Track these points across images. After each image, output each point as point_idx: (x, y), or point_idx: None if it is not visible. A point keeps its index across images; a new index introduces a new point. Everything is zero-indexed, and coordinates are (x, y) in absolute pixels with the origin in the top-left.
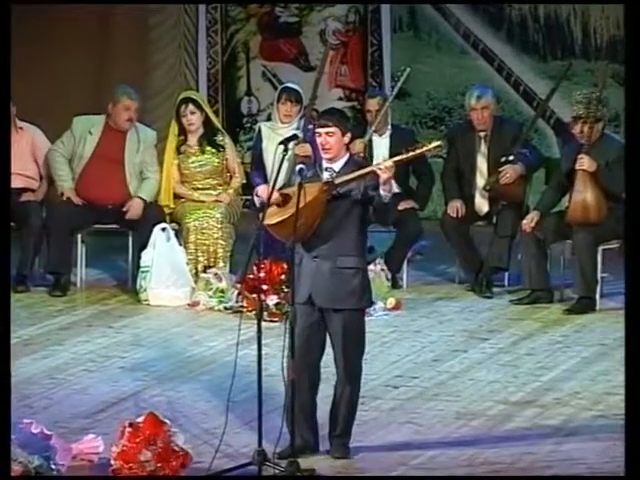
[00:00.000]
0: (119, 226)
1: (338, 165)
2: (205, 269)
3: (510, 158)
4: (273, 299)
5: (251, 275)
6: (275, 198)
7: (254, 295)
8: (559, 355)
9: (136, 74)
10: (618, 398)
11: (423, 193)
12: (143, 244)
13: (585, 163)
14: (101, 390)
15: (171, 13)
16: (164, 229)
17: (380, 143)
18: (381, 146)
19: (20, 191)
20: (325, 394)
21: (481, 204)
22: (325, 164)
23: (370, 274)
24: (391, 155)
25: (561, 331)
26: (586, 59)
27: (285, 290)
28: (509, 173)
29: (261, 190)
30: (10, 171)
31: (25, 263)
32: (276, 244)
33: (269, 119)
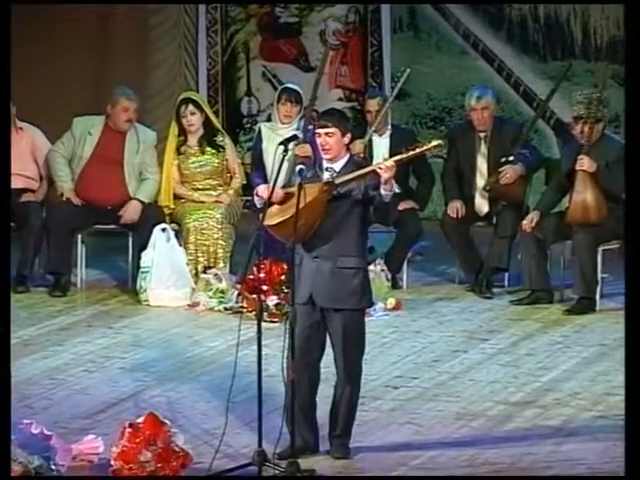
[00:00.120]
0: (119, 227)
1: (339, 165)
2: (205, 270)
3: (510, 158)
4: (273, 299)
5: (251, 276)
6: (279, 196)
7: (254, 295)
8: (559, 355)
9: (136, 74)
10: (618, 398)
11: (423, 193)
12: (143, 245)
13: (585, 164)
14: (101, 390)
15: (171, 13)
16: (164, 230)
17: (380, 143)
18: (381, 146)
19: (20, 191)
20: (325, 394)
21: (481, 204)
22: (325, 164)
23: (370, 274)
24: (391, 155)
25: (561, 331)
26: (586, 59)
27: (285, 290)
28: (509, 173)
29: (261, 190)
30: (10, 171)
31: (25, 263)
32: (276, 244)
33: (269, 120)
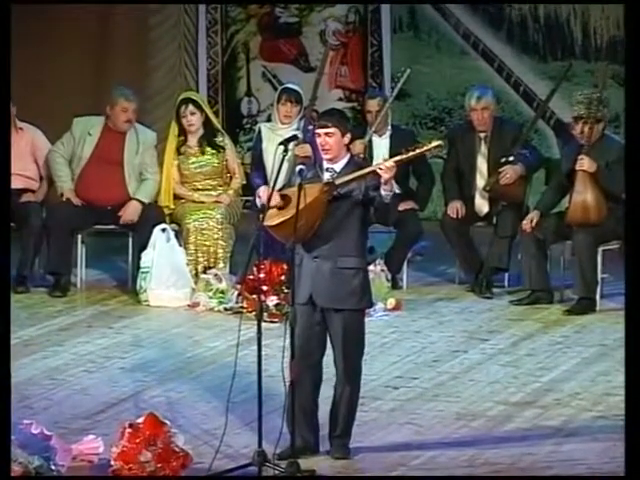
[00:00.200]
0: (119, 227)
1: (339, 165)
2: (205, 270)
3: (510, 159)
4: (273, 300)
5: (251, 276)
6: (275, 202)
7: (254, 296)
8: (559, 356)
9: (136, 74)
10: (618, 399)
11: (423, 194)
12: (143, 245)
13: (585, 164)
14: (101, 391)
15: (171, 13)
16: (164, 230)
17: (380, 144)
18: (381, 147)
19: (20, 191)
20: (325, 394)
21: (481, 205)
22: (326, 164)
23: (370, 275)
24: (391, 156)
25: (561, 332)
26: (586, 60)
27: (285, 291)
28: (509, 174)
29: (262, 191)
30: (10, 171)
31: (25, 264)
32: (276, 245)
33: (269, 120)
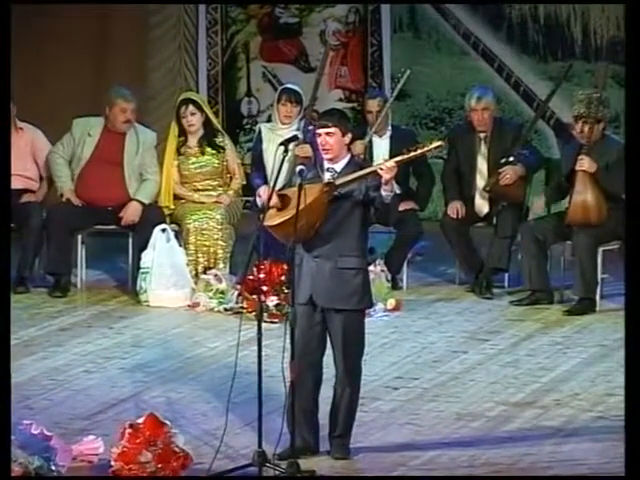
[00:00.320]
0: (119, 227)
1: (340, 166)
2: (205, 270)
3: (510, 159)
4: (273, 300)
5: (251, 276)
6: (274, 202)
7: (254, 296)
8: (559, 356)
9: (136, 75)
10: (618, 399)
11: (423, 194)
12: (143, 245)
13: (585, 164)
14: (101, 391)
15: (171, 13)
16: (164, 230)
17: (380, 144)
18: (381, 147)
19: (20, 192)
20: (325, 394)
21: (481, 205)
22: (327, 165)
23: (370, 275)
24: (391, 156)
25: (561, 332)
26: (586, 60)
27: (285, 291)
28: (509, 174)
29: (262, 190)
30: (10, 171)
31: (25, 264)
32: (276, 245)
33: (269, 120)
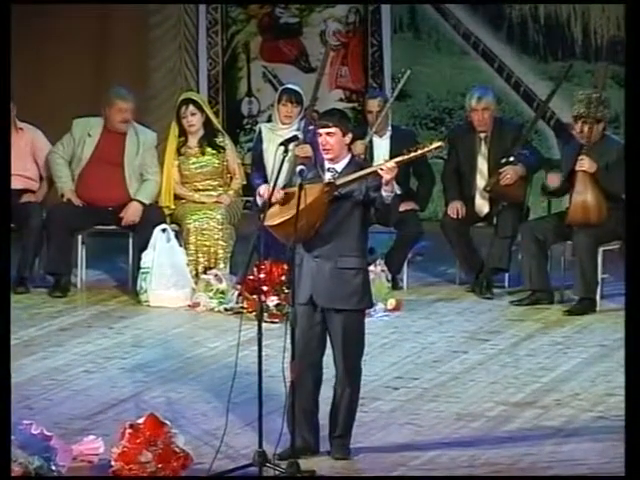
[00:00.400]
0: (119, 227)
1: (340, 166)
2: (205, 270)
3: (510, 159)
4: (273, 300)
5: (251, 276)
6: (278, 197)
7: (254, 296)
8: (559, 356)
9: (136, 75)
10: (618, 399)
11: (423, 194)
12: (143, 245)
13: (585, 164)
14: (101, 391)
15: (171, 13)
16: (164, 230)
17: (381, 144)
18: (382, 147)
19: (20, 192)
20: (325, 395)
21: (481, 205)
22: (327, 165)
23: (370, 275)
24: (392, 157)
25: (561, 332)
26: (586, 60)
27: (285, 291)
28: (509, 174)
29: (263, 189)
30: (10, 171)
31: (25, 264)
32: (276, 245)
33: (269, 120)
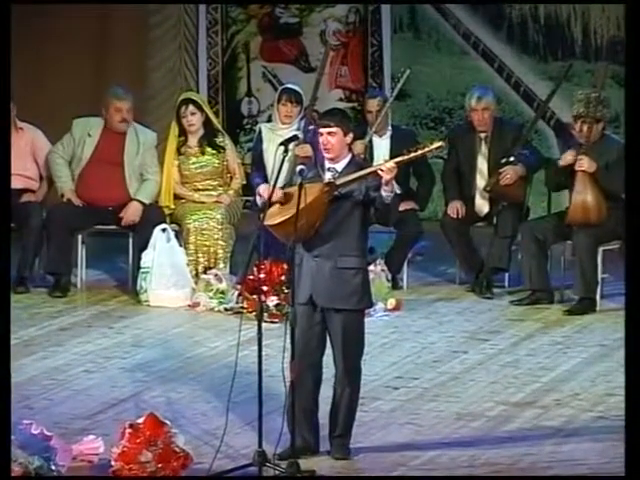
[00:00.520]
0: (119, 227)
1: (340, 165)
2: (205, 270)
3: (510, 159)
4: (273, 300)
5: (251, 276)
6: (278, 196)
7: (254, 296)
8: (559, 356)
9: (136, 75)
10: (618, 399)
11: (423, 194)
12: (143, 245)
13: (585, 164)
14: (101, 391)
15: (171, 13)
16: (164, 230)
17: (380, 144)
18: (381, 147)
19: (20, 192)
20: (325, 394)
21: (481, 205)
22: (327, 164)
23: (370, 275)
24: (392, 156)
25: (561, 332)
26: (586, 60)
27: (285, 291)
28: (509, 174)
29: (263, 189)
30: (10, 171)
31: (25, 264)
32: (276, 244)
33: (269, 120)
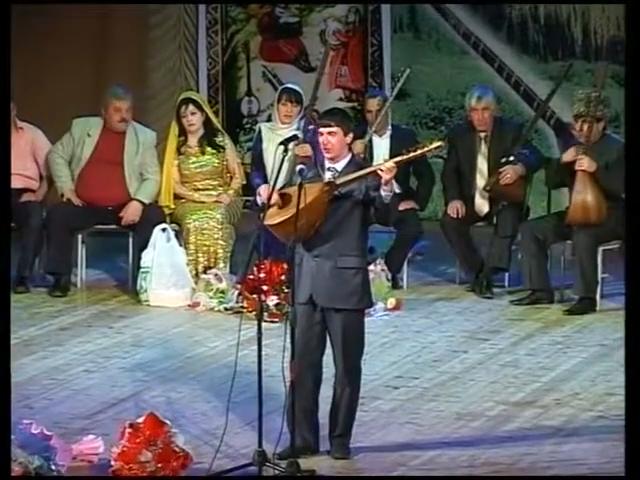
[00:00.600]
0: (119, 227)
1: (340, 165)
2: (205, 270)
3: (510, 158)
4: (273, 299)
5: (251, 276)
6: (275, 200)
7: (254, 295)
8: (559, 356)
9: (136, 74)
10: (618, 399)
11: (423, 193)
12: (143, 245)
13: (585, 163)
14: (101, 390)
15: (171, 13)
16: (164, 230)
17: (380, 144)
18: (381, 147)
19: (20, 191)
20: (325, 394)
21: (481, 204)
22: (327, 164)
23: (370, 274)
24: (391, 156)
25: (561, 332)
26: (586, 59)
27: (285, 290)
28: (509, 173)
29: (263, 189)
30: (10, 171)
31: (25, 264)
32: (276, 244)
33: (269, 120)
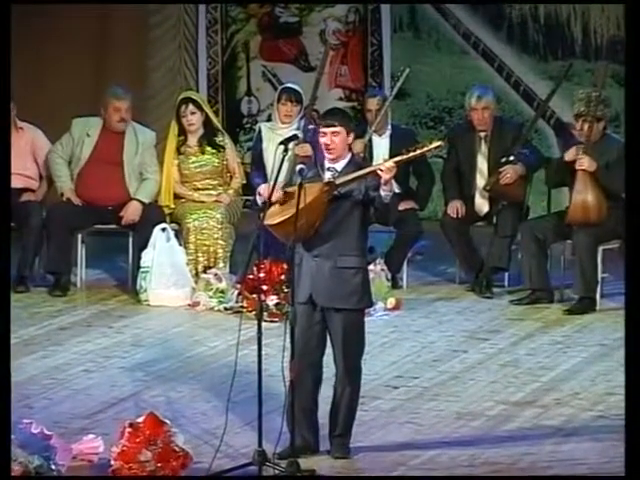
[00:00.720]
0: (119, 226)
1: (340, 165)
2: (205, 269)
3: (510, 158)
4: (273, 299)
5: (251, 275)
6: (278, 196)
7: (254, 295)
8: (559, 355)
9: (136, 74)
10: (618, 398)
11: (423, 193)
12: (143, 244)
13: (585, 163)
14: (101, 390)
15: (171, 13)
16: (164, 229)
17: (380, 143)
18: (381, 146)
19: (20, 191)
20: (325, 394)
21: (481, 204)
22: (327, 164)
23: (370, 274)
24: (391, 155)
25: (561, 331)
26: (586, 59)
27: (285, 290)
28: (509, 173)
29: (263, 189)
30: (10, 171)
31: (25, 263)
32: (276, 244)
33: (269, 119)
